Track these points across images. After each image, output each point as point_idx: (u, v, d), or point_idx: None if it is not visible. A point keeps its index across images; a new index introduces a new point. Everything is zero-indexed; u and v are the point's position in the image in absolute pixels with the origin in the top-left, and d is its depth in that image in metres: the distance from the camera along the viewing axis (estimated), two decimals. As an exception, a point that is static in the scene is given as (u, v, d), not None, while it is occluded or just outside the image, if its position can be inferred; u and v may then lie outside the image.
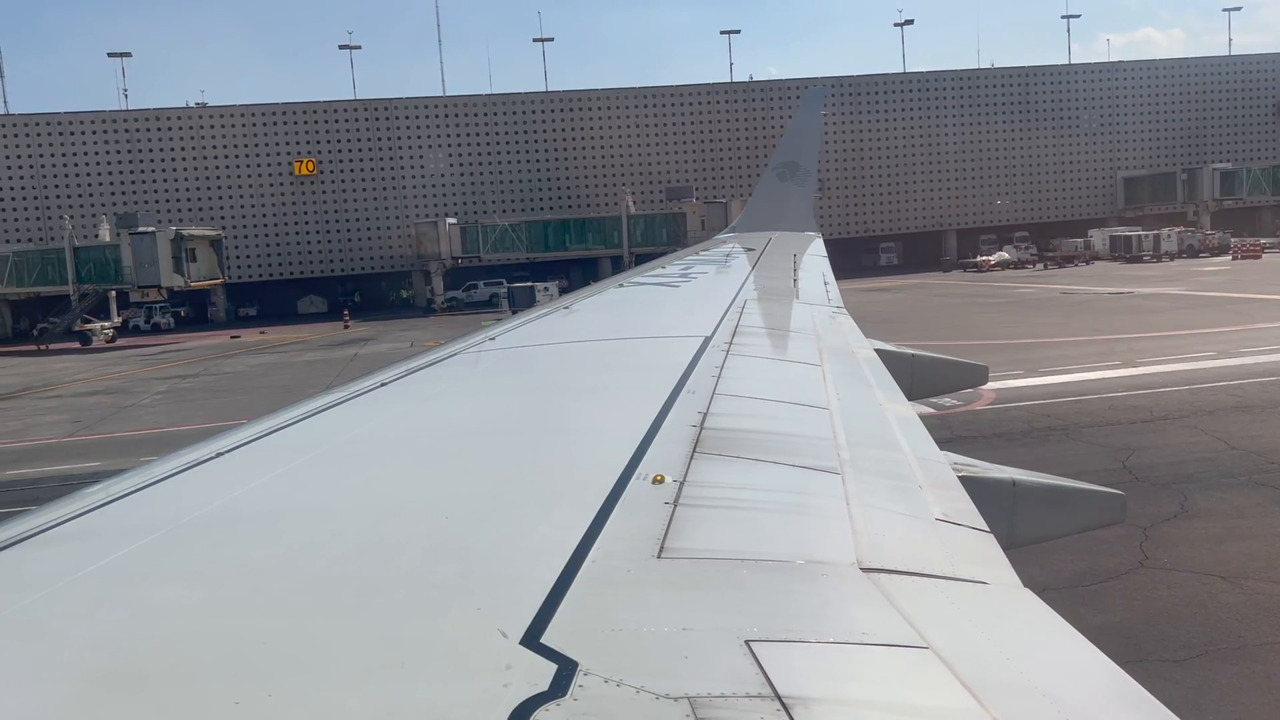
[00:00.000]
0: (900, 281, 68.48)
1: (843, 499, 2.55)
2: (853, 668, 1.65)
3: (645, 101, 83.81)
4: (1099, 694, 1.68)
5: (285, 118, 78.85)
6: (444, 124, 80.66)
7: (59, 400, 34.81)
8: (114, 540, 2.32)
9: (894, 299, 54.89)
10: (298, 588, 1.97)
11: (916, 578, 2.06)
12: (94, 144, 76.44)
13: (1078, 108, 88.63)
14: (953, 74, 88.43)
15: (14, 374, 45.03)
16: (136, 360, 48.65)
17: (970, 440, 18.70)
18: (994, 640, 1.84)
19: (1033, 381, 24.67)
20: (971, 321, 40.82)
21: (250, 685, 1.53)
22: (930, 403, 22.63)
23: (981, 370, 7.18)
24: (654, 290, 8.48)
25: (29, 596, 1.97)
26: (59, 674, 1.61)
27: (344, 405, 3.87)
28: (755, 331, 5.49)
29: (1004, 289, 57.46)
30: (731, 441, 3.02)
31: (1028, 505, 3.39)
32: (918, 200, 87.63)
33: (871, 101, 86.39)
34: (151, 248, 58.96)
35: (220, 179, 77.85)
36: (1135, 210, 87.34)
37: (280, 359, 44.78)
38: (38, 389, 38.55)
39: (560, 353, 5.34)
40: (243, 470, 2.98)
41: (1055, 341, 31.86)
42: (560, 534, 2.13)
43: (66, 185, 76.08)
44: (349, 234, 79.86)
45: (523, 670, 1.49)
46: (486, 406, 3.97)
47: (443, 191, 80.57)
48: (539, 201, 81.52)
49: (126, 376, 41.17)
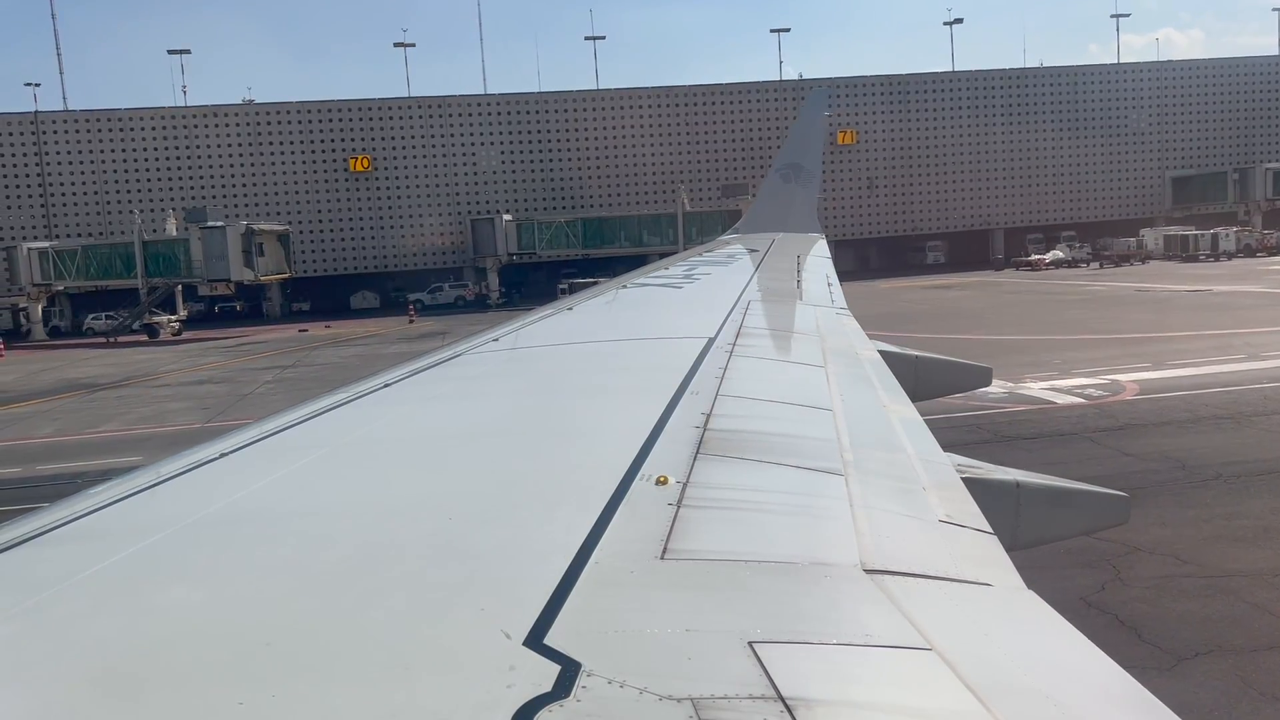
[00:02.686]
0: (956, 280, 68.62)
1: (846, 500, 2.55)
2: (856, 669, 1.65)
3: (696, 99, 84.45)
4: (1102, 696, 1.68)
5: (341, 115, 79.90)
6: (496, 121, 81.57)
7: (172, 389, 35.37)
8: (119, 540, 2.32)
9: (965, 296, 55.01)
10: (301, 588, 1.97)
11: (920, 579, 2.06)
12: (152, 140, 77.52)
13: (1126, 107, 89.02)
14: (1001, 73, 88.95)
15: (104, 364, 45.84)
16: (218, 352, 49.14)
17: (1149, 428, 19.25)
18: (997, 642, 1.84)
19: (1168, 374, 25.02)
20: (1066, 317, 40.90)
21: (254, 685, 1.53)
22: (1079, 391, 23.02)
23: (985, 372, 7.17)
24: (657, 291, 8.48)
25: (35, 595, 1.98)
26: (64, 673, 1.61)
27: (348, 406, 3.87)
28: (759, 333, 5.49)
29: (1073, 287, 57.34)
30: (735, 443, 3.02)
31: (1032, 507, 3.39)
32: (965, 199, 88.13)
33: (920, 100, 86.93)
34: (221, 242, 59.60)
35: (276, 176, 78.98)
36: (1184, 210, 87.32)
37: (366, 350, 45.32)
38: (139, 379, 39.18)
39: (563, 354, 5.35)
40: (247, 471, 2.99)
41: (1165, 336, 32.16)
42: (563, 535, 2.13)
43: (125, 180, 77.09)
44: (402, 230, 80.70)
45: (526, 671, 1.49)
46: (490, 407, 3.98)
47: (494, 188, 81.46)
48: (590, 199, 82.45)
49: (221, 367, 41.82)
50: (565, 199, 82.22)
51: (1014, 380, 24.78)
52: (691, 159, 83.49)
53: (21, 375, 43.39)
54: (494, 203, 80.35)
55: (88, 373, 42.74)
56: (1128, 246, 78.68)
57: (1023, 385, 24.32)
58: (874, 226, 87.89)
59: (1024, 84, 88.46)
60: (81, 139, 76.81)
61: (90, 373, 42.66)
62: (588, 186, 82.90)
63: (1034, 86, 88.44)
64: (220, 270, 60.25)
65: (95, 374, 41.87)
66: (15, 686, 1.58)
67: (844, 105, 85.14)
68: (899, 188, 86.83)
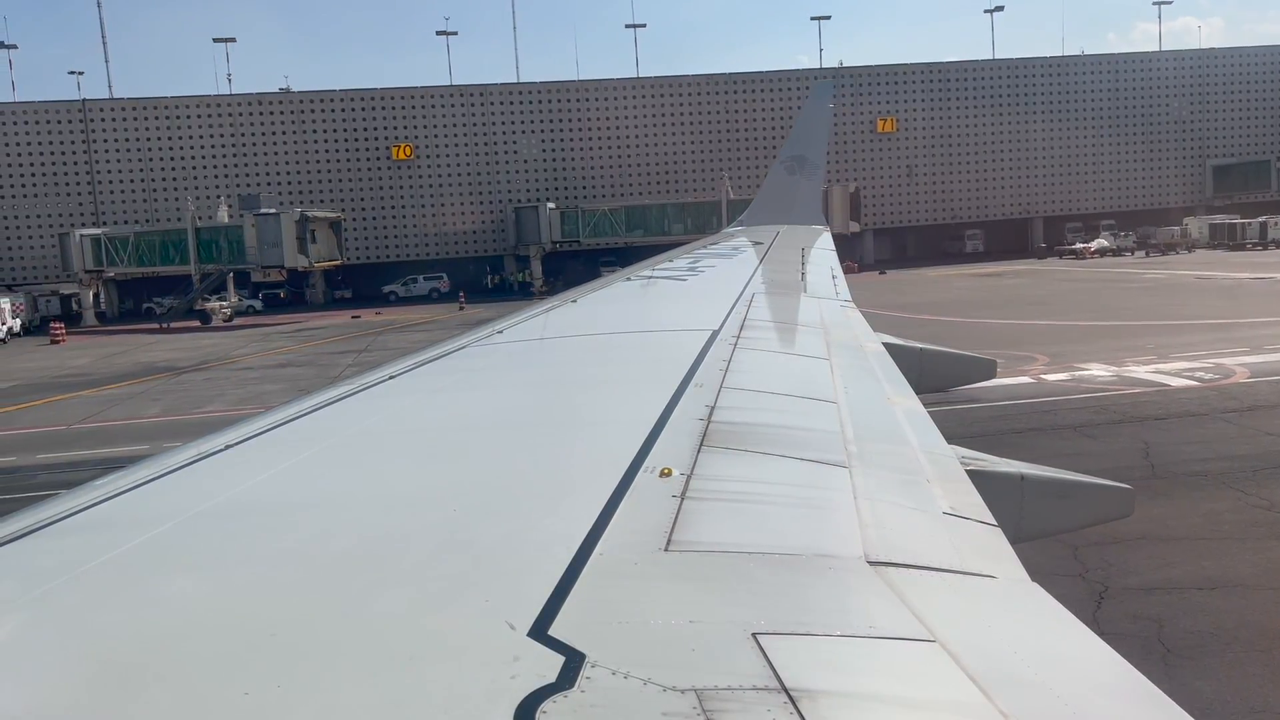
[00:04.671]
0: (1002, 268, 68.21)
1: (850, 492, 2.55)
2: (860, 661, 1.65)
3: (737, 87, 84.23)
4: (1107, 689, 1.68)
5: (383, 103, 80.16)
6: (536, 109, 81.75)
7: (257, 372, 35.35)
8: (124, 532, 2.33)
9: (1021, 283, 54.72)
10: (306, 579, 1.98)
11: (924, 571, 2.06)
12: (197, 127, 77.93)
13: (1167, 95, 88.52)
14: (1041, 61, 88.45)
15: (172, 349, 45.97)
16: (282, 337, 49.11)
17: (1277, 409, 19.16)
18: (1001, 634, 1.84)
19: (1272, 358, 24.76)
20: (1137, 304, 40.73)
21: (259, 676, 1.53)
22: (1187, 375, 22.99)
23: (989, 364, 7.17)
24: (662, 284, 8.48)
25: (41, 587, 1.98)
26: (70, 664, 1.62)
27: (353, 398, 3.88)
28: (763, 325, 5.48)
29: (1127, 274, 56.97)
30: (739, 435, 3.02)
31: (1036, 499, 3.39)
32: (1004, 187, 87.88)
33: (960, 88, 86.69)
34: (276, 229, 59.77)
35: (320, 163, 79.38)
36: (1224, 198, 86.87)
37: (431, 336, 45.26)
38: (215, 362, 39.20)
39: (567, 346, 5.35)
40: (252, 462, 2.99)
41: (1248, 322, 32.05)
42: (568, 526, 2.13)
43: (171, 167, 77.59)
44: (443, 218, 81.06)
45: (530, 662, 1.50)
46: (494, 399, 3.98)
47: (534, 177, 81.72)
48: (630, 187, 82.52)
49: (294, 351, 41.84)
50: (605, 187, 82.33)
51: (1116, 364, 24.79)
52: (733, 147, 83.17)
53: (95, 359, 43.46)
54: (533, 191, 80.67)
55: (160, 356, 42.71)
56: (1172, 235, 78.30)
57: (1127, 369, 24.26)
58: (913, 215, 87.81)
59: (1064, 72, 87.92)
60: (128, 126, 77.35)
61: (163, 356, 42.64)
62: (628, 175, 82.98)
63: (1074, 75, 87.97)
64: (274, 257, 60.39)
65: (169, 358, 41.83)
66: (21, 677, 1.59)
67: (884, 93, 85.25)
68: (938, 176, 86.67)
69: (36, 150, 76.36)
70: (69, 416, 26.60)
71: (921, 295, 49.76)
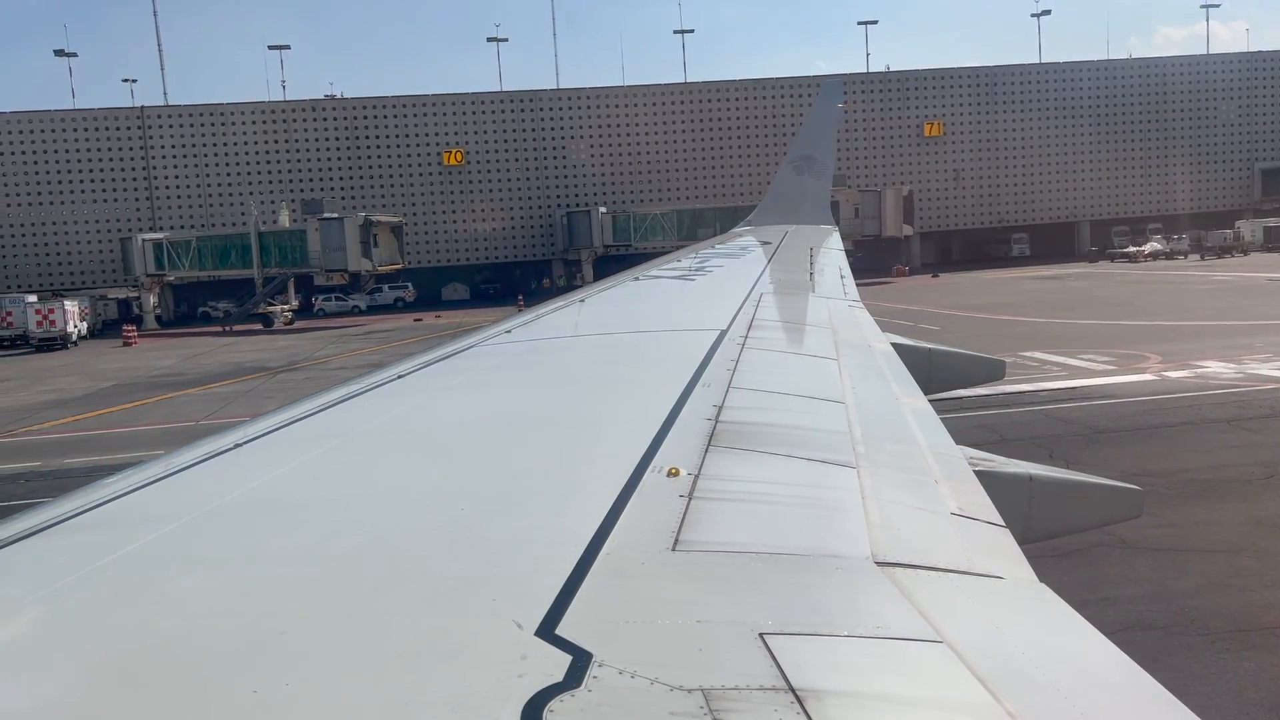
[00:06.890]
0: (1058, 270, 67.76)
1: (858, 493, 2.54)
2: (867, 661, 1.64)
3: (786, 91, 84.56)
4: (1115, 690, 1.68)
5: (435, 109, 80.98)
6: (584, 114, 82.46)
7: (350, 371, 35.35)
8: (133, 530, 2.34)
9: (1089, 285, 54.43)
10: (314, 577, 1.98)
11: (931, 572, 2.06)
12: (252, 133, 78.93)
13: (1215, 98, 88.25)
14: (1089, 64, 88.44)
15: (249, 351, 46.30)
16: (354, 339, 49.40)
17: None
18: (1009, 635, 1.84)
19: None
20: (1221, 305, 40.52)
21: (267, 673, 1.54)
22: None
23: (998, 365, 7.15)
24: (670, 283, 8.48)
25: (50, 585, 1.99)
26: (79, 660, 1.63)
27: (361, 397, 3.89)
28: (771, 325, 5.48)
29: (1193, 277, 56.53)
30: (747, 435, 3.02)
31: (1044, 500, 3.37)
32: (1051, 191, 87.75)
33: (1007, 92, 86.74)
34: (339, 233, 60.64)
35: (372, 168, 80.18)
36: (1273, 202, 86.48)
37: None
38: (303, 363, 39.57)
39: (575, 346, 5.35)
40: (260, 461, 3.00)
41: None
42: (575, 526, 2.14)
43: (226, 173, 78.57)
44: (493, 222, 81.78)
45: (537, 661, 1.50)
46: (502, 399, 3.98)
47: (583, 181, 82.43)
48: (678, 192, 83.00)
49: (374, 351, 41.98)
50: (658, 192, 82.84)
51: (1234, 361, 24.86)
52: (781, 150, 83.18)
53: (178, 360, 43.72)
54: (583, 196, 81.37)
55: (246, 357, 42.96)
56: (1225, 238, 77.89)
57: (1247, 366, 24.31)
58: (959, 218, 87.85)
59: (1110, 75, 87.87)
60: (184, 132, 78.30)
61: (249, 357, 42.90)
62: (676, 179, 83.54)
63: (1121, 78, 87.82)
64: (338, 261, 61.20)
65: (255, 358, 42.07)
66: (31, 674, 1.59)
67: (931, 97, 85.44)
68: (984, 179, 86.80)
69: (95, 156, 77.34)
70: (189, 414, 26.79)
71: (992, 297, 49.70)
